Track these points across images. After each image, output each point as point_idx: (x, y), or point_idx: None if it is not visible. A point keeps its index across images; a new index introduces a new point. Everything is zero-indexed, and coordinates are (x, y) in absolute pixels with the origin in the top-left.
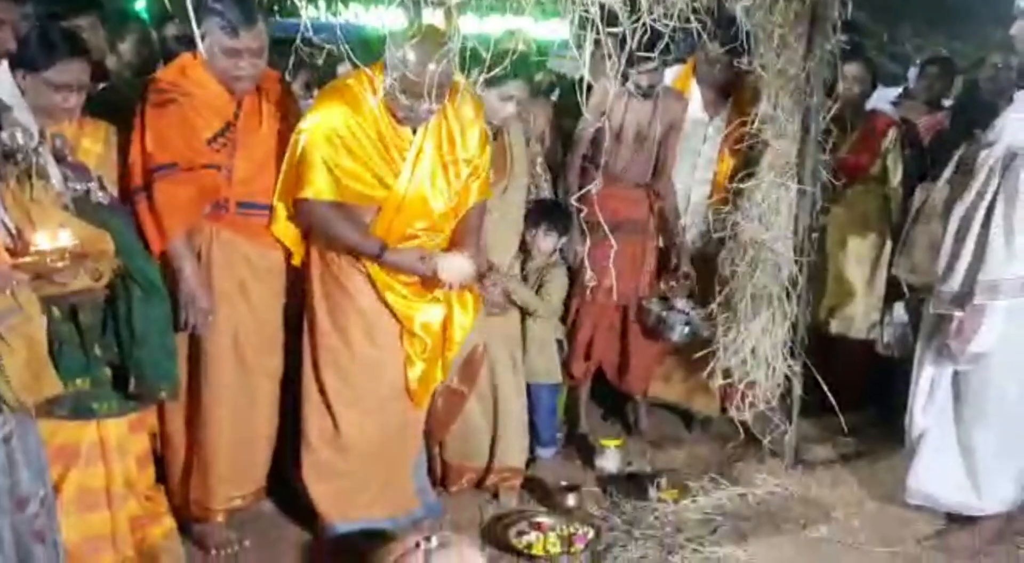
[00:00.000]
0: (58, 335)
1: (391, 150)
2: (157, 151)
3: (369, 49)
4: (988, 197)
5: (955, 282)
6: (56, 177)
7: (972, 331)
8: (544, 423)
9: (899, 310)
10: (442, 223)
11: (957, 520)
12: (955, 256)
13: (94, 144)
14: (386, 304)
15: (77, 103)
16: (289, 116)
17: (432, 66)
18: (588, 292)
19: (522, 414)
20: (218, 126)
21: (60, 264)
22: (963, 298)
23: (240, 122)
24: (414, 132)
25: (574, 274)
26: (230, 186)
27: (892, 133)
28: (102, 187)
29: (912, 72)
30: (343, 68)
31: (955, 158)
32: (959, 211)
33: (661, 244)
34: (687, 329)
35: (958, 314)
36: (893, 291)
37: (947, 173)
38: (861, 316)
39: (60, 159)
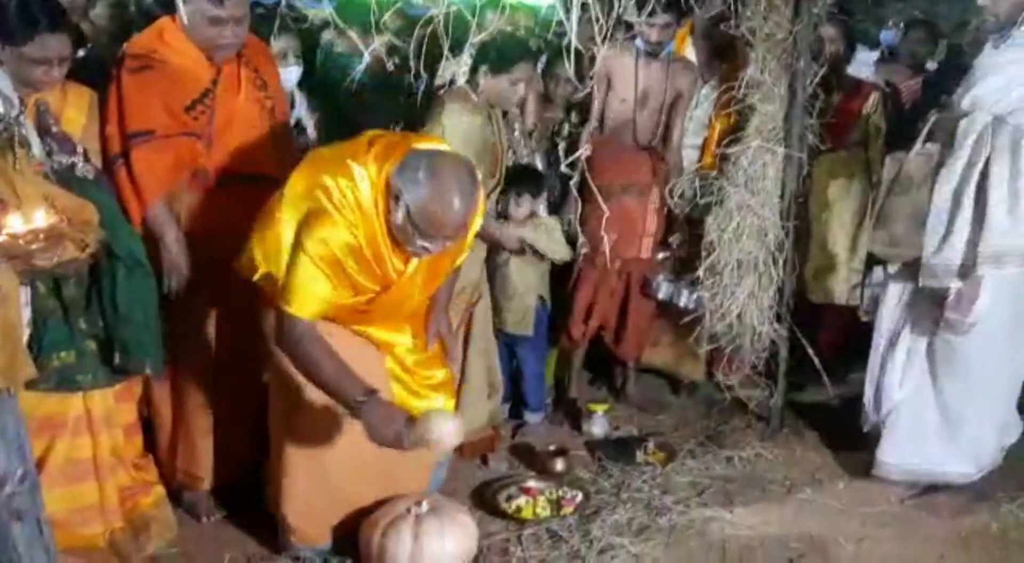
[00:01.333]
0: (42, 309)
1: (385, 266)
2: (134, 118)
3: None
4: (979, 166)
5: (952, 254)
6: (37, 147)
7: (971, 302)
8: (532, 388)
9: (878, 274)
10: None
11: (936, 483)
12: (949, 228)
13: (78, 114)
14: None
15: (59, 76)
16: (269, 84)
17: (457, 203)
18: (588, 256)
19: (491, 382)
20: (196, 93)
21: (35, 246)
22: (966, 269)
23: (219, 89)
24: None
25: (574, 237)
26: (209, 154)
27: (874, 97)
28: (87, 159)
29: (887, 35)
30: (328, 34)
31: (927, 127)
32: (948, 182)
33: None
34: (699, 298)
35: (955, 286)
36: (873, 256)
37: (919, 143)
38: (843, 282)
39: (45, 130)
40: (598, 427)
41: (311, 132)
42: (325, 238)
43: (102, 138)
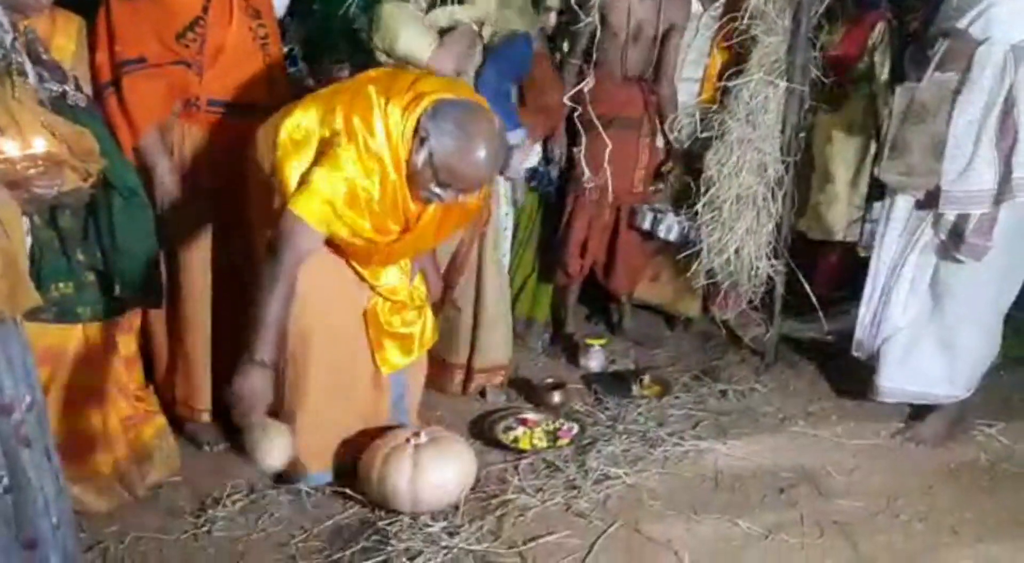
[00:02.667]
0: (39, 240)
1: (398, 208)
2: (125, 46)
3: None
4: (1003, 95)
5: (977, 181)
6: (31, 74)
7: (992, 226)
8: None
9: (877, 209)
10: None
11: (919, 409)
12: (973, 155)
13: (68, 41)
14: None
15: (49, 1)
16: (262, 12)
17: (482, 159)
18: (583, 190)
19: (506, 309)
20: (187, 21)
21: (32, 171)
22: (1001, 196)
23: (210, 17)
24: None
25: (567, 172)
26: (200, 83)
27: (880, 27)
28: (78, 88)
29: None
30: None
31: (938, 55)
32: (968, 111)
33: (660, 143)
34: (682, 229)
35: (978, 212)
36: (873, 191)
37: (930, 71)
38: (842, 218)
39: (35, 57)
40: (595, 361)
41: (301, 63)
42: (342, 157)
43: (92, 66)
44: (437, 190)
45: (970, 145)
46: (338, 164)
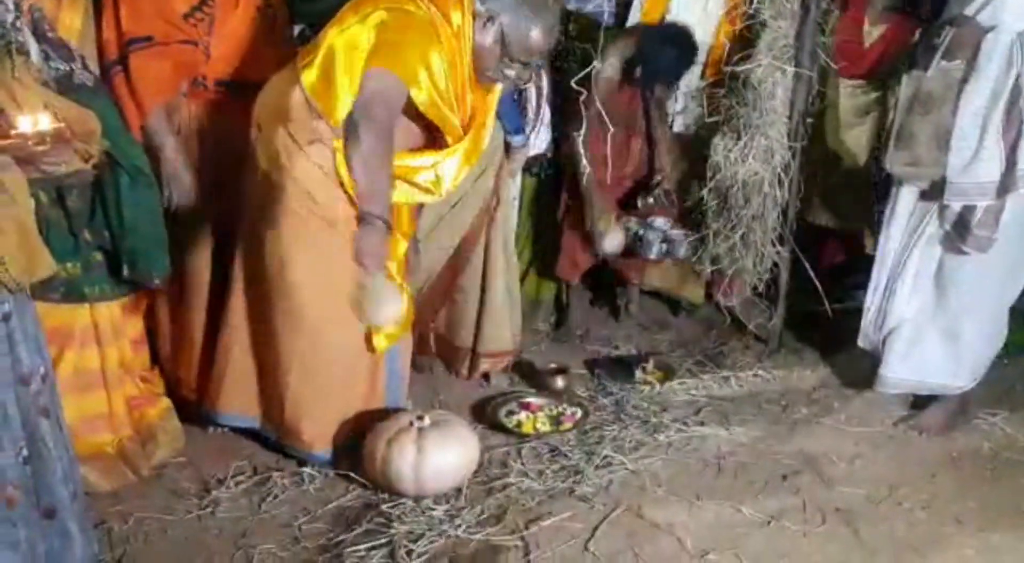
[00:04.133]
0: (46, 219)
1: (464, 99)
2: (132, 25)
3: None
4: (1010, 84)
5: (984, 172)
6: (35, 53)
7: (998, 217)
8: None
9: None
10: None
11: (923, 398)
12: (979, 147)
13: (74, 18)
14: None
15: None
16: None
17: (551, 24)
18: (578, 177)
19: (515, 296)
20: (195, 0)
21: (41, 148)
22: (1006, 188)
23: None
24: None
25: (565, 167)
26: (208, 63)
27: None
28: (84, 67)
29: None
30: None
31: (944, 44)
32: (974, 100)
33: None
34: (664, 247)
35: (984, 204)
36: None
37: (936, 60)
38: (850, 206)
39: (41, 36)
40: (612, 242)
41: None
42: (414, 37)
43: (99, 44)
44: (506, 69)
45: (976, 136)
46: (412, 25)
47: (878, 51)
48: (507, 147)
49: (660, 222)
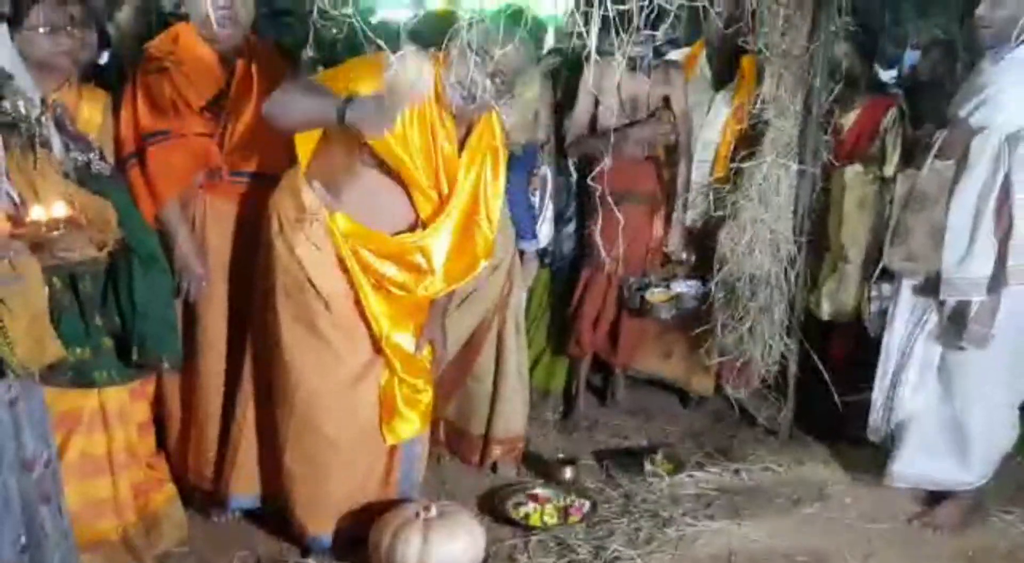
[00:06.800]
0: (58, 304)
1: (439, 146)
2: (149, 119)
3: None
4: (998, 182)
5: (976, 269)
6: (57, 146)
7: (994, 314)
8: (517, 215)
9: (886, 289)
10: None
11: (936, 495)
12: (971, 244)
13: (93, 113)
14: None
15: (72, 47)
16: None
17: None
18: (598, 264)
19: (525, 380)
20: (210, 94)
21: (55, 233)
22: (996, 284)
23: (232, 90)
24: (462, 147)
25: (585, 248)
26: (223, 154)
27: (891, 113)
28: (102, 158)
29: (910, 55)
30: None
31: (937, 144)
32: (966, 199)
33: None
34: (671, 306)
35: (978, 300)
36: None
37: (929, 160)
38: (854, 299)
39: (61, 128)
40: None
41: None
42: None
43: (116, 139)
44: (476, 78)
45: (967, 233)
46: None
47: (854, 135)
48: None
49: (676, 284)
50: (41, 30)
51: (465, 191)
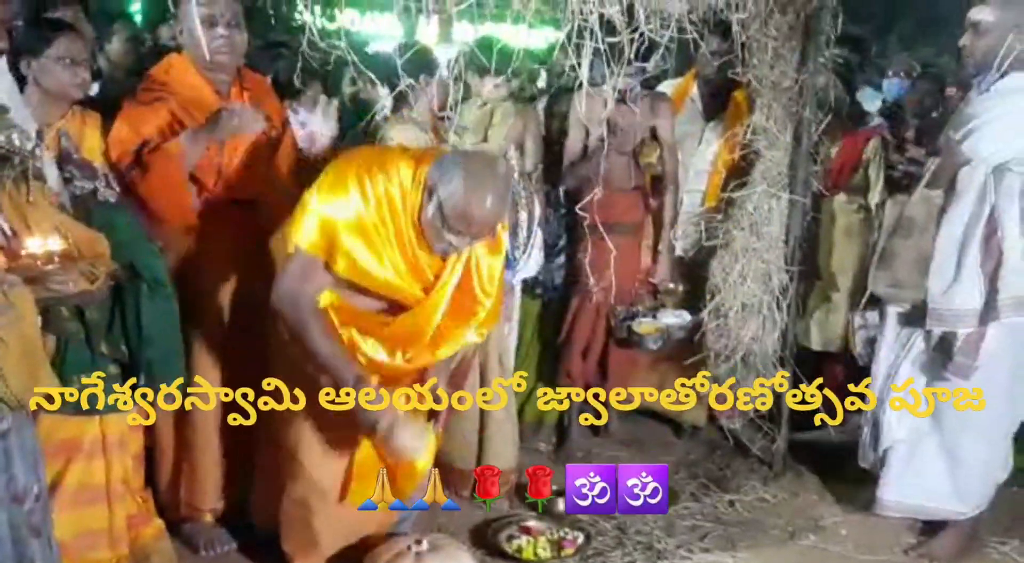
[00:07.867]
0: (65, 332)
1: (417, 266)
2: (140, 135)
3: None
4: (984, 216)
5: (962, 300)
6: (53, 178)
7: (979, 345)
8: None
9: (873, 317)
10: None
11: (932, 525)
12: (957, 274)
13: (95, 137)
14: None
15: (87, 79)
16: (272, 117)
17: (489, 199)
18: (587, 294)
19: (512, 413)
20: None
21: (50, 266)
22: (985, 316)
23: None
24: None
25: (573, 277)
26: (217, 184)
27: (874, 144)
28: (108, 184)
29: (896, 86)
30: (347, 86)
31: (927, 173)
32: (953, 230)
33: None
34: (658, 337)
35: (964, 332)
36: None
37: (919, 188)
38: (841, 327)
39: (67, 157)
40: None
41: None
42: (343, 194)
43: (111, 159)
44: (451, 238)
45: (953, 263)
46: (342, 185)
47: (838, 165)
48: None
49: (664, 314)
50: (63, 62)
51: (456, 274)
